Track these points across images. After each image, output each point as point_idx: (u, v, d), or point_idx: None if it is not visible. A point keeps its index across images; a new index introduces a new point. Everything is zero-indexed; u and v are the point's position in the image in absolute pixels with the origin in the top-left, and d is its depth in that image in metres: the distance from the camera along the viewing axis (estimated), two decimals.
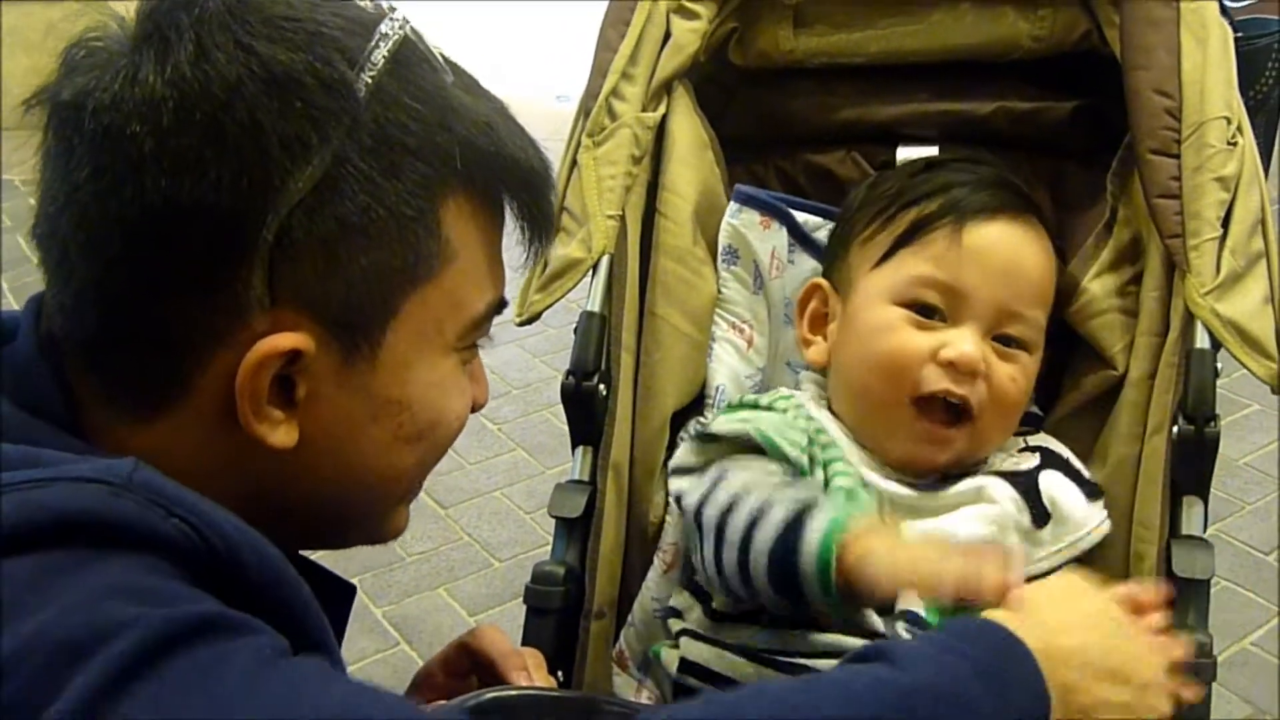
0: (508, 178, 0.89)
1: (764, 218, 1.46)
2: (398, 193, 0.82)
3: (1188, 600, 1.22)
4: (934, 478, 1.29)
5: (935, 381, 1.26)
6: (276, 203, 0.79)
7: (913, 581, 1.01)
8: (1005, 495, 1.26)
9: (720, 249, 1.47)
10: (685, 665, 1.25)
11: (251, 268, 0.79)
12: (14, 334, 0.87)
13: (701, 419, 1.42)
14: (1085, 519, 1.28)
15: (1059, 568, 1.26)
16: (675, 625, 1.31)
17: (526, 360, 3.52)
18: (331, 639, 0.85)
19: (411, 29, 0.86)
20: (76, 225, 0.80)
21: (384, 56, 0.83)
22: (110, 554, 0.71)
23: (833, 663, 1.18)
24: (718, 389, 1.44)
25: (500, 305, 0.94)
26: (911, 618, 1.20)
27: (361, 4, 0.86)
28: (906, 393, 1.27)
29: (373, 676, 2.43)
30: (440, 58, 0.88)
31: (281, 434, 0.83)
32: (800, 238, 1.47)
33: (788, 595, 1.11)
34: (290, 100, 0.79)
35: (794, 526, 1.09)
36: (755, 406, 1.32)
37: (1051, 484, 1.28)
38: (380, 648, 2.55)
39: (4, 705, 0.65)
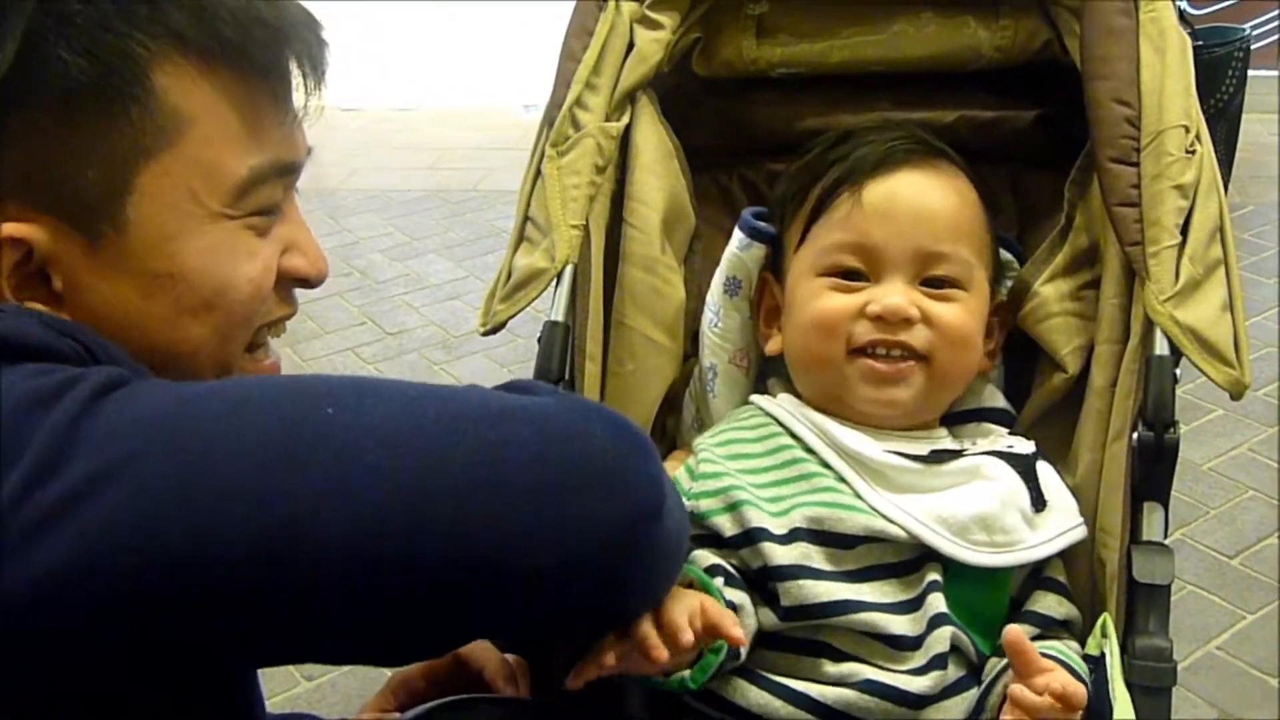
0: (231, 33, 0.87)
1: (770, 250, 1.45)
2: (94, 70, 0.81)
3: (1148, 606, 1.22)
4: (926, 451, 1.29)
5: (866, 333, 1.29)
6: None
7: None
8: (1006, 474, 1.27)
9: (723, 280, 1.46)
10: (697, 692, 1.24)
11: None
12: None
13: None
14: (1072, 513, 1.29)
15: (1051, 557, 1.28)
16: None
17: (494, 370, 3.51)
18: None
19: None
20: None
21: None
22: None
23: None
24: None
25: (282, 169, 0.93)
26: (933, 588, 1.22)
27: None
28: (842, 348, 1.30)
29: (343, 689, 2.43)
30: None
31: None
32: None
33: None
34: None
35: None
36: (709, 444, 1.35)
37: (1047, 474, 1.30)
38: None
39: None
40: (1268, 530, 2.77)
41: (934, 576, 1.23)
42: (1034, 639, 1.22)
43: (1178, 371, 1.28)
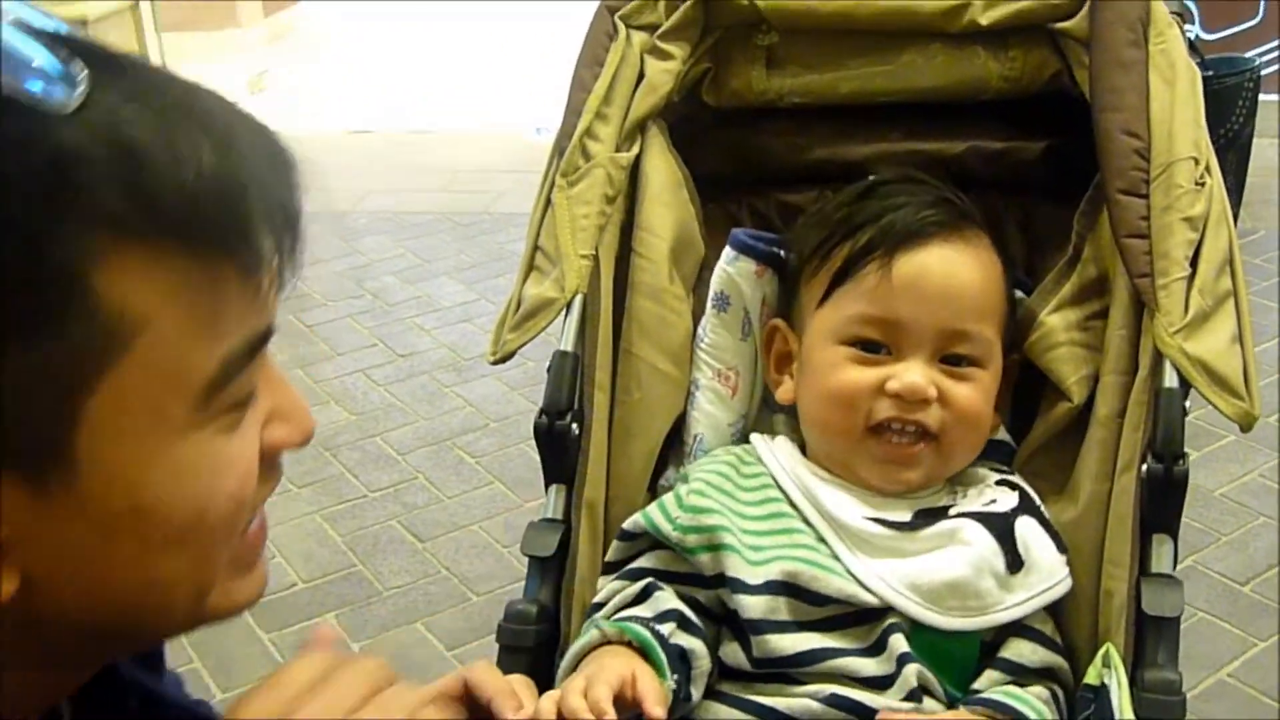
0: (179, 207, 0.68)
1: (759, 266, 1.45)
2: (16, 290, 0.63)
3: (1158, 638, 1.22)
4: (909, 516, 1.30)
5: (885, 411, 1.29)
6: None
7: None
8: (981, 538, 1.27)
9: (712, 294, 1.46)
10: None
11: None
12: None
13: (681, 468, 1.43)
14: (1055, 569, 1.29)
15: (1027, 615, 1.27)
16: None
17: (505, 394, 3.52)
18: None
19: None
20: None
21: None
22: None
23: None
24: (696, 438, 1.45)
25: (256, 343, 0.75)
26: (893, 630, 1.23)
27: None
28: (860, 423, 1.30)
29: None
30: (47, 68, 0.65)
31: None
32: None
33: None
34: None
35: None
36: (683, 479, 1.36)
37: (1027, 530, 1.29)
38: None
39: None
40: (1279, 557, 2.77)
41: (893, 620, 1.25)
42: (1002, 684, 1.24)
43: (1187, 403, 1.28)
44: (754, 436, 1.41)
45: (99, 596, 0.73)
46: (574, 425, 1.37)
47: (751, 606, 1.24)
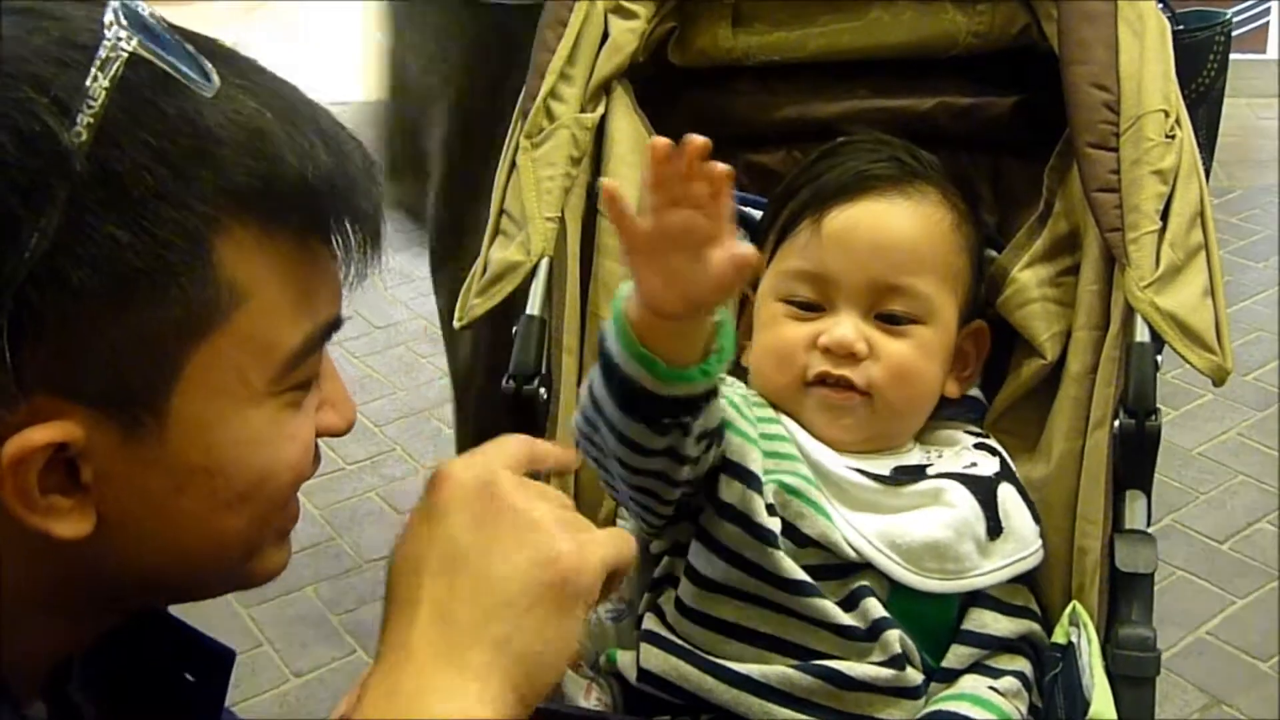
0: (294, 196, 0.77)
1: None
2: (147, 246, 0.71)
3: (1131, 595, 1.22)
4: (888, 471, 1.28)
5: (818, 365, 1.28)
6: None
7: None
8: (965, 501, 1.26)
9: None
10: (644, 674, 1.24)
11: None
12: None
13: None
14: (1030, 539, 1.28)
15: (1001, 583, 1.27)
16: (627, 628, 1.30)
17: None
18: None
19: (140, 42, 0.72)
20: None
21: (104, 89, 0.70)
22: None
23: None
24: None
25: (330, 328, 0.83)
26: (865, 592, 1.22)
27: (86, 7, 0.73)
28: (798, 377, 1.29)
29: (331, 685, 2.43)
30: (192, 61, 0.75)
31: (72, 523, 0.74)
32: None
33: (625, 399, 1.10)
34: None
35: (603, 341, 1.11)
36: None
37: (1008, 498, 1.28)
38: (337, 655, 2.52)
39: None
40: (1257, 515, 2.77)
41: (865, 583, 1.23)
42: (980, 662, 1.24)
43: (1160, 358, 1.27)
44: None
45: (159, 547, 0.79)
46: (542, 390, 1.36)
47: (759, 510, 1.22)
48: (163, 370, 0.74)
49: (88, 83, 0.70)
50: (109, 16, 0.72)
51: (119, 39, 0.71)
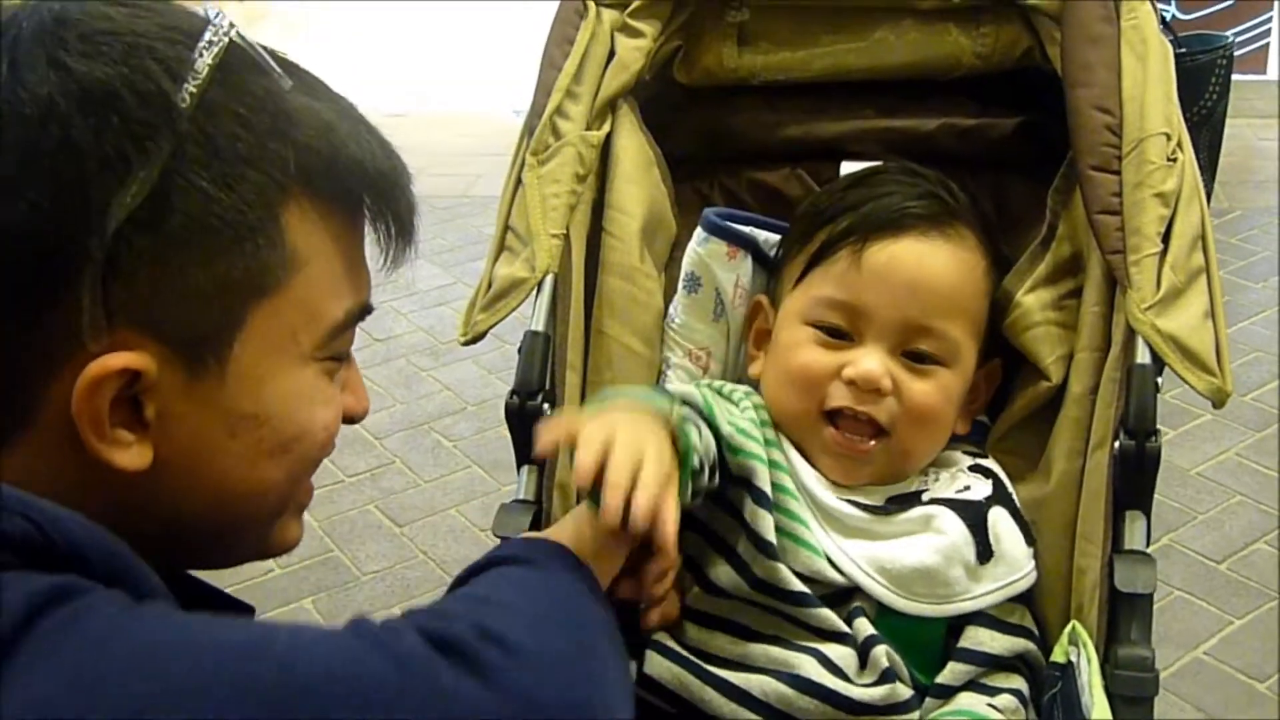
0: (353, 181, 0.88)
1: (731, 248, 1.45)
2: (232, 203, 0.81)
3: (1131, 615, 1.22)
4: (882, 501, 1.30)
5: (840, 398, 1.29)
6: (102, 223, 0.77)
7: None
8: (955, 528, 1.27)
9: (682, 275, 1.47)
10: (645, 680, 1.24)
11: (80, 290, 0.78)
12: None
13: None
14: (1022, 562, 1.29)
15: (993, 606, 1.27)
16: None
17: (482, 377, 3.51)
18: None
19: (238, 34, 0.84)
20: None
21: (208, 65, 0.81)
22: None
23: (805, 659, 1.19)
24: None
25: (363, 311, 0.93)
26: (857, 613, 1.24)
27: (190, 6, 0.85)
28: (816, 406, 1.30)
29: None
30: (273, 61, 0.86)
31: (133, 455, 0.82)
32: (764, 264, 1.47)
33: None
34: (107, 117, 0.78)
35: None
36: (717, 393, 1.34)
37: (999, 521, 1.29)
38: None
39: None
40: (1255, 535, 2.77)
41: (858, 603, 1.24)
42: (976, 679, 1.24)
43: (1160, 380, 1.28)
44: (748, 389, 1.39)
45: (205, 490, 0.86)
46: (546, 406, 1.36)
47: (768, 527, 1.24)
48: (230, 318, 0.83)
49: (194, 57, 0.81)
50: (213, 8, 0.85)
51: (223, 26, 0.83)
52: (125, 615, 0.74)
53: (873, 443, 1.29)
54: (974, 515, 1.28)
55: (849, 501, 1.28)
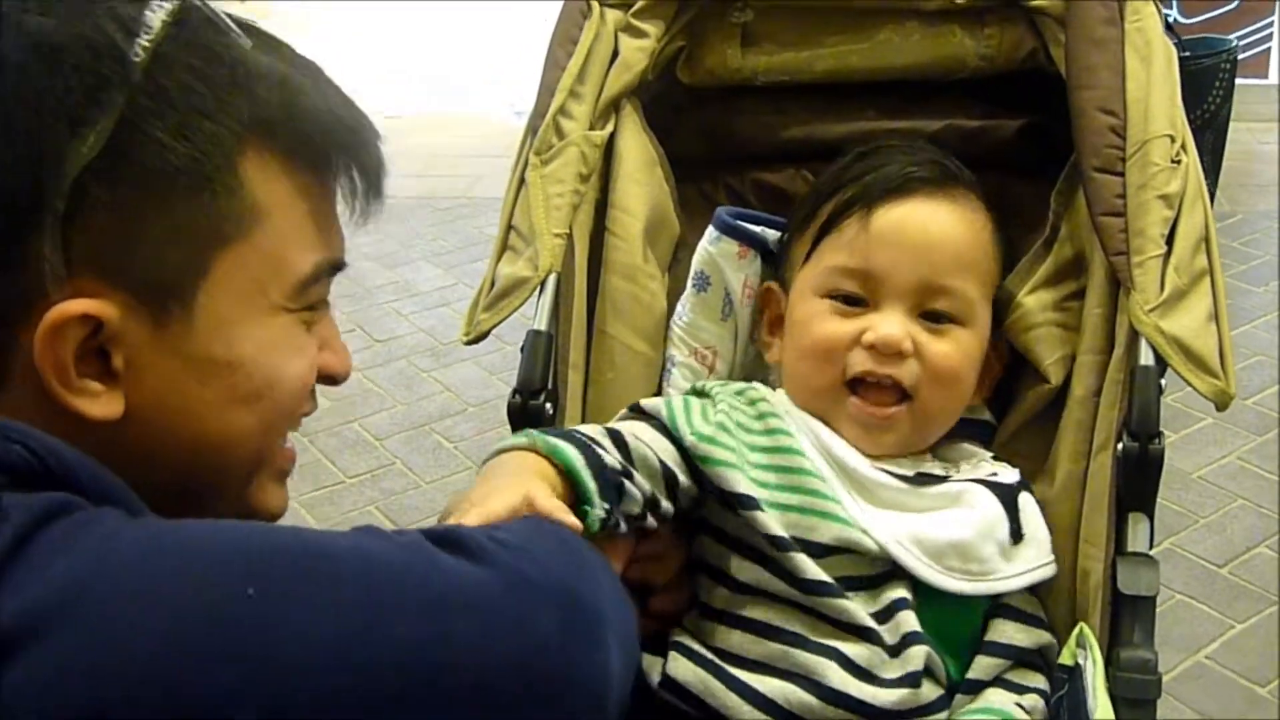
0: (314, 134, 0.90)
1: (742, 247, 1.44)
2: (188, 152, 0.83)
3: (1133, 617, 1.22)
4: (913, 473, 1.29)
5: (861, 364, 1.29)
6: (58, 173, 0.80)
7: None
8: (987, 504, 1.27)
9: (692, 274, 1.46)
10: (667, 681, 1.22)
11: (41, 240, 0.80)
12: None
13: None
14: (1046, 549, 1.29)
15: (1019, 591, 1.27)
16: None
17: (483, 378, 3.51)
18: None
19: None
20: None
21: (162, 20, 0.84)
22: None
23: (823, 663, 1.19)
24: None
25: (334, 267, 0.95)
26: (901, 605, 1.22)
27: None
28: (838, 377, 1.30)
29: None
30: (233, 23, 0.89)
31: (103, 405, 0.84)
32: (773, 264, 1.47)
33: None
34: (62, 70, 0.80)
35: None
36: (705, 394, 1.34)
37: (1028, 505, 1.29)
38: None
39: None
40: (1257, 539, 2.78)
41: (901, 594, 1.23)
42: (1003, 676, 1.24)
43: (1163, 382, 1.28)
44: (740, 385, 1.38)
45: (179, 439, 0.88)
46: (548, 405, 1.36)
47: (770, 523, 1.22)
48: (192, 266, 0.85)
49: (149, 15, 0.83)
50: None
51: None
52: (128, 521, 0.77)
53: (897, 408, 1.29)
54: (1007, 495, 1.28)
55: (883, 470, 1.28)
